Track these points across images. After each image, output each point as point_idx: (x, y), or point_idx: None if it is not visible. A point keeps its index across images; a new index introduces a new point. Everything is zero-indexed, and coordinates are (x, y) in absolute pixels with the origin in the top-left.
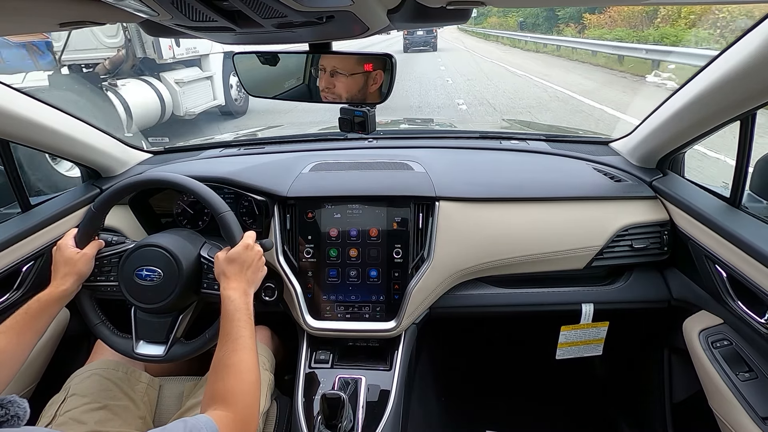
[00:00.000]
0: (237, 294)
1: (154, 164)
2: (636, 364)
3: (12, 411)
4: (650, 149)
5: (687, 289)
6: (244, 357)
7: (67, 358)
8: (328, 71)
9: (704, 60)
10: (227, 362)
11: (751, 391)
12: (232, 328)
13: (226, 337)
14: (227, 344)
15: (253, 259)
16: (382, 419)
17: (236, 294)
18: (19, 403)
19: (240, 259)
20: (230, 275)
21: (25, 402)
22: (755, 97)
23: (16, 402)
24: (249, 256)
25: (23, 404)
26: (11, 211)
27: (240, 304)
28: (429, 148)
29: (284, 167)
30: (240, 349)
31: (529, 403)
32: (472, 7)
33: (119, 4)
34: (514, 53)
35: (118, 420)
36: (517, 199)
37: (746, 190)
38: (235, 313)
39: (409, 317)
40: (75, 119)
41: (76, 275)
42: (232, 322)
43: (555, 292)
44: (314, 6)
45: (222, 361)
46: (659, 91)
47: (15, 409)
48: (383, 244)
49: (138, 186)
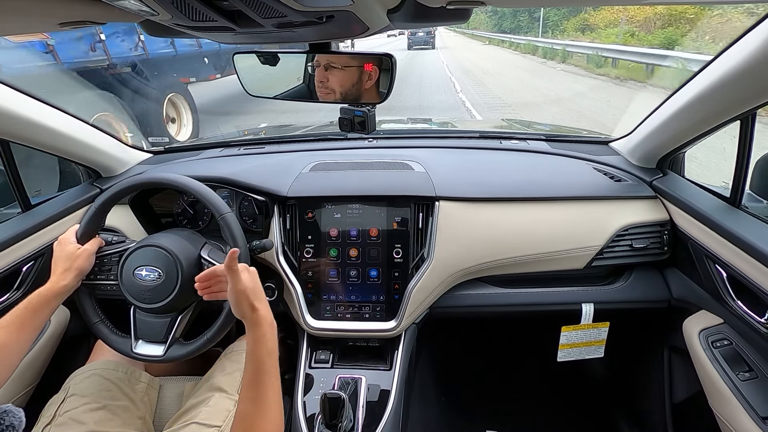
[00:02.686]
0: (272, 332)
1: (154, 164)
2: (636, 364)
3: (7, 421)
4: (650, 149)
5: (687, 289)
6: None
7: (67, 358)
8: (323, 65)
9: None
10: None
11: (751, 391)
12: (262, 379)
13: (252, 389)
14: (256, 402)
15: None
16: (382, 419)
17: (271, 332)
18: (15, 413)
19: (257, 283)
20: (260, 305)
21: (20, 411)
22: (755, 97)
23: (12, 412)
24: (256, 281)
25: (18, 414)
26: (11, 211)
27: (274, 345)
28: (429, 148)
29: (284, 167)
30: (268, 413)
31: (529, 403)
32: (472, 7)
33: (119, 4)
34: (491, 49)
35: (117, 420)
36: (517, 199)
37: (746, 189)
38: (269, 359)
39: (409, 317)
40: (75, 119)
41: (76, 270)
42: (263, 374)
43: (555, 292)
44: (314, 6)
45: (247, 420)
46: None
47: (10, 419)
48: (383, 244)
49: (139, 186)
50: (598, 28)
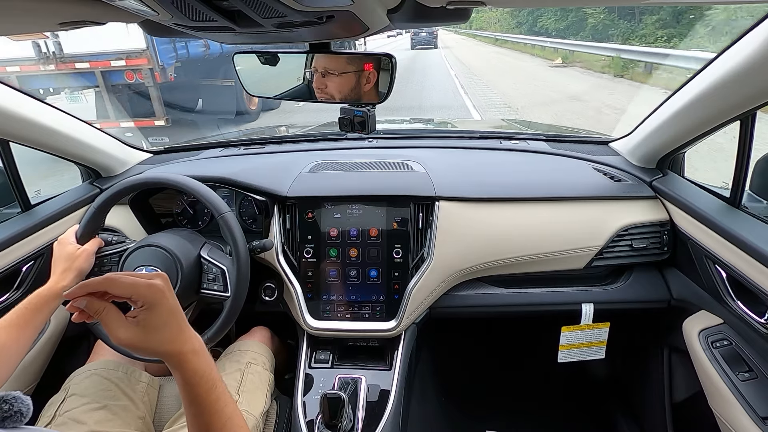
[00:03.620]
0: (200, 355)
1: (154, 164)
2: (636, 364)
3: (15, 407)
4: (650, 149)
5: (687, 289)
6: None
7: (67, 358)
8: (320, 71)
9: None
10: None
11: (751, 391)
12: (219, 418)
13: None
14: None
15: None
16: (382, 419)
17: (198, 357)
18: (23, 400)
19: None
20: (171, 344)
21: (28, 399)
22: (755, 97)
23: (20, 398)
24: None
25: (27, 401)
26: (11, 210)
27: (209, 367)
28: (429, 148)
29: (284, 167)
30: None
31: (529, 403)
32: (472, 7)
33: (119, 4)
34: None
35: (117, 420)
36: (517, 199)
37: (746, 190)
38: (212, 390)
39: (409, 317)
40: (75, 119)
41: (76, 271)
42: (218, 413)
43: (555, 292)
44: (314, 6)
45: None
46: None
47: (19, 405)
48: (383, 243)
49: (139, 186)
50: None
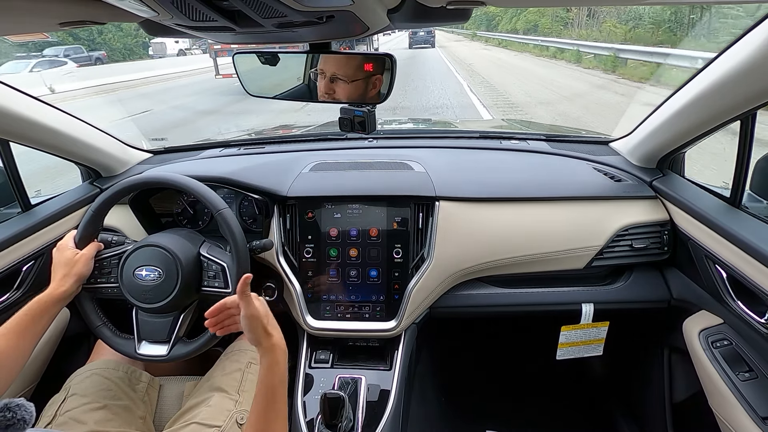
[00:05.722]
0: (284, 359)
1: (154, 164)
2: (636, 364)
3: (19, 414)
4: (650, 149)
5: (687, 289)
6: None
7: (67, 358)
8: (328, 76)
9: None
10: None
11: (751, 391)
12: (273, 408)
13: (262, 419)
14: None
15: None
16: (382, 419)
17: (283, 359)
18: (26, 407)
19: (269, 310)
20: (274, 331)
21: (31, 406)
22: (755, 97)
23: (23, 405)
24: (268, 308)
25: (30, 408)
26: (11, 210)
27: (285, 372)
28: (429, 148)
29: (284, 167)
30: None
31: (529, 403)
32: (472, 7)
33: (120, 4)
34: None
35: (118, 420)
36: (517, 199)
37: (746, 190)
38: (281, 386)
39: (409, 317)
40: (75, 119)
41: (75, 276)
42: (274, 403)
43: (555, 292)
44: (314, 6)
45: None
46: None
47: (22, 412)
48: (383, 243)
49: (138, 186)
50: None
